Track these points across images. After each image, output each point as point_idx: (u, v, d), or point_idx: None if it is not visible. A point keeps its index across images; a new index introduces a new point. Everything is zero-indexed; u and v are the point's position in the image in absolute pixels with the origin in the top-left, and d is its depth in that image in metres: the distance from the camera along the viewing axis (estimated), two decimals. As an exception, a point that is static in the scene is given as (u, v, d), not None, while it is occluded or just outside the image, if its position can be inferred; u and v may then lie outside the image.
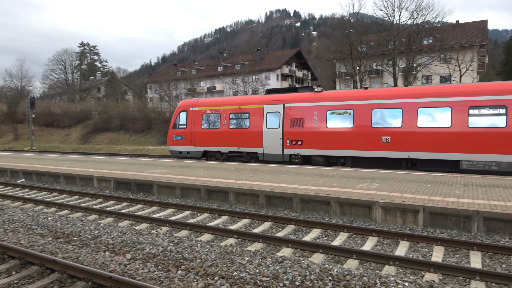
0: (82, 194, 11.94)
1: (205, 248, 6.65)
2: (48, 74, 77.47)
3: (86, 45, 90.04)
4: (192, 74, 65.57)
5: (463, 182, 10.77)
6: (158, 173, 13.32)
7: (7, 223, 8.77)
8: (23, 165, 17.31)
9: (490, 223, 7.46)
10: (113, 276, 5.07)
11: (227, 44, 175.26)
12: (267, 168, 14.66)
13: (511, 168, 12.81)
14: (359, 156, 15.48)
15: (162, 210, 9.96)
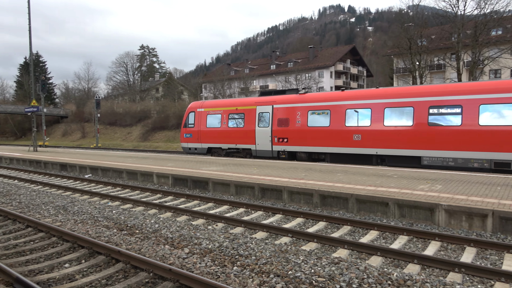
0: (143, 189, 12.56)
1: (260, 246, 6.70)
2: (111, 76, 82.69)
3: (146, 48, 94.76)
4: (245, 73, 66.43)
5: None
6: (213, 171, 13.65)
7: (77, 214, 9.46)
8: (90, 161, 18.58)
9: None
10: (173, 269, 5.26)
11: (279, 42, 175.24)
12: (320, 167, 14.45)
13: (466, 164, 13.67)
14: (336, 152, 16.87)
15: (217, 207, 10.19)
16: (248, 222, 8.05)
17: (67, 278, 5.56)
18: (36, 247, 7.00)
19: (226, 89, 57.35)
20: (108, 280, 5.47)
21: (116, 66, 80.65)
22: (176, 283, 5.13)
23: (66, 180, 15.48)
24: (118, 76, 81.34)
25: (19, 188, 13.45)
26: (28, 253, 6.76)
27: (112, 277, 5.57)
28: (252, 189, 11.01)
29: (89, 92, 79.76)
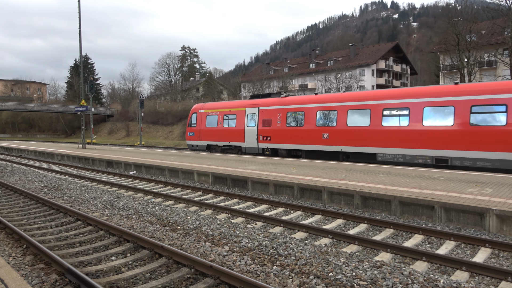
0: (184, 186, 12.87)
1: (299, 246, 6.65)
2: (154, 76, 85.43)
3: (187, 49, 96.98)
4: (284, 72, 66.26)
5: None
6: (252, 170, 13.73)
7: (122, 209, 9.86)
8: (134, 158, 19.30)
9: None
10: (214, 266, 5.35)
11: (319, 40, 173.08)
12: (361, 168, 14.12)
13: (412, 160, 15.16)
14: (310, 149, 18.79)
15: (256, 206, 10.23)
16: (287, 222, 8.02)
17: (113, 271, 5.81)
18: (85, 239, 7.37)
19: (265, 88, 57.46)
20: (151, 274, 5.65)
21: (159, 67, 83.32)
22: (217, 280, 5.21)
23: (112, 176, 16.18)
24: (161, 76, 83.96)
25: (70, 183, 14.23)
26: (77, 245, 7.13)
27: (155, 271, 5.75)
28: (291, 188, 10.95)
29: (134, 92, 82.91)
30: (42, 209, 10.09)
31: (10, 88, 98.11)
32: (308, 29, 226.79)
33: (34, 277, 5.45)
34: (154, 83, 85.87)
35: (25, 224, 8.60)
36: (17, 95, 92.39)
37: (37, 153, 28.10)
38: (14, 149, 32.88)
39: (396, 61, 70.93)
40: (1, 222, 8.26)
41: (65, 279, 5.35)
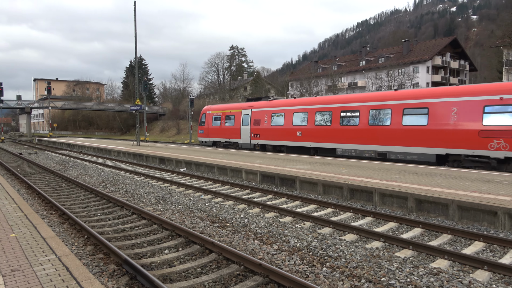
0: (232, 184, 13.06)
1: (350, 248, 6.50)
2: (204, 76, 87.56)
3: (235, 48, 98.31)
4: (332, 71, 65.05)
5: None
6: (300, 169, 13.62)
7: (174, 205, 10.21)
8: (184, 156, 19.90)
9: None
10: (263, 264, 5.37)
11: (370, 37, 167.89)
12: (415, 169, 13.50)
13: (361, 154, 18.00)
14: (288, 145, 22.12)
15: (304, 205, 10.14)
16: (337, 223, 7.86)
17: (166, 264, 6.02)
18: (139, 232, 7.71)
19: (312, 87, 56.82)
20: (202, 268, 5.78)
21: (208, 67, 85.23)
22: (266, 278, 5.22)
23: (164, 172, 16.80)
24: (210, 76, 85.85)
25: (125, 179, 14.97)
26: (133, 237, 7.48)
27: (206, 266, 5.88)
28: (341, 189, 10.73)
29: (184, 91, 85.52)
30: (100, 202, 10.70)
31: (72, 88, 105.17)
32: (358, 26, 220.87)
33: (95, 266, 5.80)
34: (203, 83, 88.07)
35: (85, 216, 9.16)
36: (78, 95, 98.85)
37: (96, 150, 29.87)
38: (76, 145, 35.19)
39: (454, 57, 67.06)
40: (65, 214, 8.88)
41: (122, 269, 5.63)
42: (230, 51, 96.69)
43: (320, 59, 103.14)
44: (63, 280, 4.28)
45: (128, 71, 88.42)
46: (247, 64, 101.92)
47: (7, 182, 12.21)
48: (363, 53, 74.58)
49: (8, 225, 6.73)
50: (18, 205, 8.42)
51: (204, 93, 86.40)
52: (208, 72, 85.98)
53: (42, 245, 5.57)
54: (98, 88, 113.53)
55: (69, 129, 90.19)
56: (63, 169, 18.65)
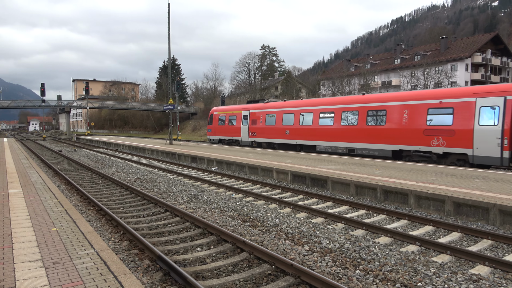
0: (263, 184, 13.06)
1: (384, 252, 6.34)
2: (235, 76, 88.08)
3: (267, 48, 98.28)
4: (366, 69, 63.68)
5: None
6: (332, 169, 13.44)
7: (206, 203, 10.34)
8: (216, 155, 20.12)
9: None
10: (294, 265, 5.33)
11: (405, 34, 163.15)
12: (453, 171, 12.99)
13: (336, 150, 20.71)
14: (279, 142, 25.23)
15: (336, 206, 9.99)
16: (370, 225, 7.69)
17: (199, 261, 6.10)
18: (173, 229, 7.87)
19: (345, 86, 55.90)
20: (234, 267, 5.82)
21: (239, 66, 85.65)
22: (297, 279, 5.18)
23: (196, 171, 17.06)
24: (241, 75, 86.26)
25: (159, 176, 15.33)
26: (166, 234, 7.64)
27: (237, 264, 5.91)
28: (374, 190, 10.49)
29: (215, 91, 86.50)
30: (135, 199, 11.01)
31: (108, 88, 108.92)
32: (392, 23, 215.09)
33: (130, 261, 5.96)
34: (234, 82, 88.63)
35: (121, 212, 9.45)
36: (114, 95, 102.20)
37: (131, 148, 30.77)
38: (111, 143, 36.41)
39: (496, 54, 63.96)
40: (102, 209, 9.20)
41: (156, 265, 5.76)
42: (261, 50, 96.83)
43: (353, 58, 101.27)
44: (101, 274, 4.42)
45: (162, 72, 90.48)
46: (278, 64, 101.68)
47: (48, 178, 12.80)
48: (397, 51, 72.59)
49: (50, 219, 7.05)
50: (59, 200, 8.81)
51: (235, 92, 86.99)
52: (239, 71, 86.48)
53: (81, 239, 5.80)
54: (133, 88, 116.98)
55: (106, 127, 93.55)
56: (100, 166, 19.34)
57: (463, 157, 15.34)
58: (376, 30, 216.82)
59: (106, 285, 4.11)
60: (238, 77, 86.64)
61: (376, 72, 62.77)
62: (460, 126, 15.22)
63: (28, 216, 7.29)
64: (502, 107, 14.17)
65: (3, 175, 13.25)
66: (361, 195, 10.90)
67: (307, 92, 73.64)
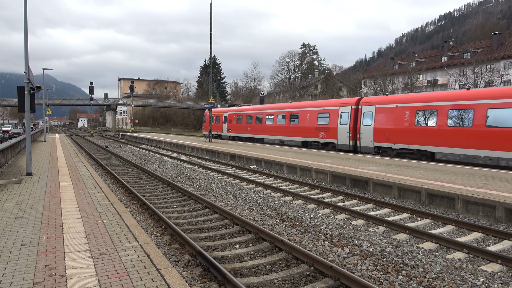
0: (301, 183, 12.96)
1: (428, 258, 6.08)
2: (274, 74, 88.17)
3: (307, 46, 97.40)
4: (410, 67, 61.36)
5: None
6: (373, 170, 13.09)
7: (244, 201, 10.41)
8: (254, 153, 20.21)
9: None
10: (334, 267, 5.24)
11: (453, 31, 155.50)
12: (505, 175, 12.22)
13: (274, 142, 28.53)
14: (244, 136, 32.82)
15: (377, 209, 9.72)
16: (413, 230, 7.41)
17: (237, 258, 6.16)
18: (212, 226, 7.99)
19: (388, 84, 54.21)
20: (272, 266, 5.82)
21: (279, 65, 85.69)
22: (337, 282, 5.09)
23: (235, 169, 17.23)
24: (280, 74, 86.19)
25: (199, 173, 15.64)
26: (206, 230, 7.78)
27: (275, 264, 5.90)
28: (418, 193, 10.09)
29: (255, 89, 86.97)
30: (176, 194, 11.30)
31: (152, 87, 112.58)
32: (440, 19, 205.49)
33: (171, 255, 6.13)
34: (273, 81, 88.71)
35: (163, 207, 9.74)
36: (157, 93, 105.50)
37: (172, 145, 31.63)
38: (154, 140, 37.61)
39: (555, 50, 59.34)
40: (145, 204, 9.53)
41: (196, 260, 5.88)
42: (302, 49, 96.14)
43: (397, 56, 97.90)
44: (145, 267, 4.58)
45: (203, 71, 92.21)
46: (319, 62, 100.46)
47: (95, 173, 13.44)
48: (445, 48, 69.30)
49: (97, 211, 7.39)
50: (105, 194, 9.22)
51: (274, 91, 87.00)
52: (279, 70, 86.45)
53: (126, 232, 6.03)
54: (175, 87, 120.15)
55: (149, 125, 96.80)
56: (143, 162, 20.04)
57: (333, 145, 22.70)
58: (422, 27, 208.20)
59: (149, 278, 4.25)
60: (278, 75, 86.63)
61: (421, 71, 60.29)
62: (331, 125, 22.71)
63: (77, 208, 7.68)
64: (349, 112, 21.49)
65: (55, 169, 14.07)
66: (404, 198, 10.52)
67: (348, 91, 72.17)
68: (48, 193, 9.23)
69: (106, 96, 79.28)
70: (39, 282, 4.11)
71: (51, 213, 7.20)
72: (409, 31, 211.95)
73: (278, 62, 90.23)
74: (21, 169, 13.93)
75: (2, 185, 10.44)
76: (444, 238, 6.90)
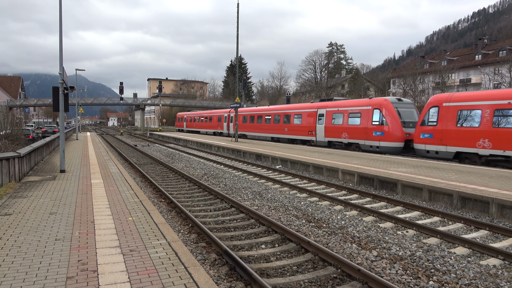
0: (328, 184, 12.82)
1: (461, 263, 5.87)
2: (300, 74, 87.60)
3: (334, 45, 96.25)
4: (442, 66, 59.48)
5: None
6: (402, 172, 12.77)
7: (270, 201, 10.40)
8: (280, 153, 20.17)
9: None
10: (362, 270, 5.14)
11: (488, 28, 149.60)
12: (544, 179, 11.64)
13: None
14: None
15: (406, 212, 9.48)
16: (445, 234, 7.17)
17: (263, 258, 6.15)
18: (238, 225, 8.03)
19: (418, 84, 52.78)
20: (298, 267, 5.78)
21: (305, 64, 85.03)
22: (365, 285, 4.99)
23: (261, 169, 17.24)
24: (307, 74, 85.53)
25: (225, 173, 15.75)
26: (232, 230, 7.82)
27: (302, 265, 5.86)
28: (450, 196, 9.77)
29: (281, 89, 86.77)
30: (203, 193, 11.43)
31: (179, 87, 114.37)
32: (473, 16, 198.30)
33: (198, 254, 6.19)
34: (300, 81, 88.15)
35: (190, 205, 9.87)
36: (184, 93, 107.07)
37: (198, 144, 32.01)
38: (181, 139, 38.19)
39: None
40: (172, 202, 9.68)
41: (223, 259, 5.92)
42: (329, 48, 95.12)
43: (427, 54, 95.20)
44: (173, 264, 4.65)
45: (229, 70, 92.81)
46: (346, 61, 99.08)
47: (125, 170, 13.78)
48: (479, 46, 66.78)
49: (127, 209, 7.58)
50: (134, 192, 9.43)
51: (300, 91, 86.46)
52: (305, 69, 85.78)
53: (154, 229, 6.14)
54: (202, 87, 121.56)
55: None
56: (170, 161, 20.38)
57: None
58: (455, 24, 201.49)
59: (178, 276, 4.31)
60: (304, 75, 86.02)
61: (453, 69, 58.32)
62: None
63: (108, 205, 7.90)
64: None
65: (87, 166, 14.53)
66: (434, 201, 10.21)
67: (376, 91, 70.74)
68: (80, 190, 9.54)
69: (135, 96, 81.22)
70: (72, 277, 4.25)
71: (83, 210, 7.44)
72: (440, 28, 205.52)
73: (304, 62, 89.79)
74: (55, 166, 14.47)
75: (37, 182, 10.88)
76: (477, 243, 6.64)
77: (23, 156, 11.89)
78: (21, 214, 7.04)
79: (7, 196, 8.72)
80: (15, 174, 11.16)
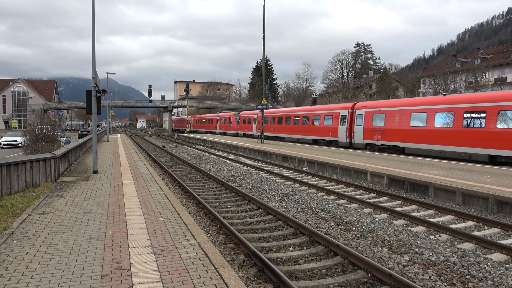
0: (356, 186, 12.62)
1: (498, 270, 5.65)
2: (327, 75, 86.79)
3: (361, 45, 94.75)
4: (475, 65, 57.39)
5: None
6: (434, 175, 12.41)
7: (297, 203, 10.35)
8: (307, 154, 20.03)
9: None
10: (393, 275, 5.03)
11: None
12: None
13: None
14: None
15: (439, 215, 9.19)
16: (481, 239, 6.91)
17: (291, 261, 6.13)
18: (265, 227, 8.03)
19: (449, 83, 51.14)
20: (327, 270, 5.72)
21: (332, 65, 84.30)
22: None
23: (287, 170, 17.18)
24: (333, 74, 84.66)
25: (251, 174, 15.79)
26: (259, 231, 7.82)
27: (331, 268, 5.79)
28: (485, 200, 9.40)
29: (307, 90, 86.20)
30: (230, 194, 11.50)
31: (205, 89, 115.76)
32: (509, 12, 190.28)
33: (227, 254, 6.24)
34: (326, 81, 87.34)
35: (217, 206, 9.96)
36: (210, 94, 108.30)
37: (225, 145, 32.27)
38: (208, 141, 38.62)
39: None
40: (200, 203, 9.80)
41: (251, 261, 5.93)
42: (356, 48, 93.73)
43: (459, 53, 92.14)
44: (203, 265, 4.71)
45: (254, 72, 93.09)
46: (373, 61, 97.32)
47: (154, 171, 14.07)
48: (515, 43, 63.96)
49: (157, 209, 7.73)
50: (164, 192, 9.62)
51: (327, 91, 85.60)
52: (331, 70, 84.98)
53: (184, 230, 6.24)
54: (228, 89, 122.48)
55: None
56: (198, 162, 20.64)
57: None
58: (488, 21, 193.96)
59: (208, 276, 4.36)
60: (331, 76, 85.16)
61: (487, 68, 56.14)
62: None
63: (139, 205, 8.09)
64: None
65: (118, 167, 14.93)
66: (469, 205, 9.86)
67: (405, 91, 69.11)
68: (113, 190, 9.82)
69: (163, 98, 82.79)
70: (106, 275, 4.38)
71: (115, 209, 7.66)
72: (473, 26, 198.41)
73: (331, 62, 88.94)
74: (88, 167, 14.96)
75: (72, 182, 11.29)
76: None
77: (58, 157, 12.36)
78: (57, 213, 7.32)
79: (44, 196, 9.09)
80: (51, 175, 11.63)
